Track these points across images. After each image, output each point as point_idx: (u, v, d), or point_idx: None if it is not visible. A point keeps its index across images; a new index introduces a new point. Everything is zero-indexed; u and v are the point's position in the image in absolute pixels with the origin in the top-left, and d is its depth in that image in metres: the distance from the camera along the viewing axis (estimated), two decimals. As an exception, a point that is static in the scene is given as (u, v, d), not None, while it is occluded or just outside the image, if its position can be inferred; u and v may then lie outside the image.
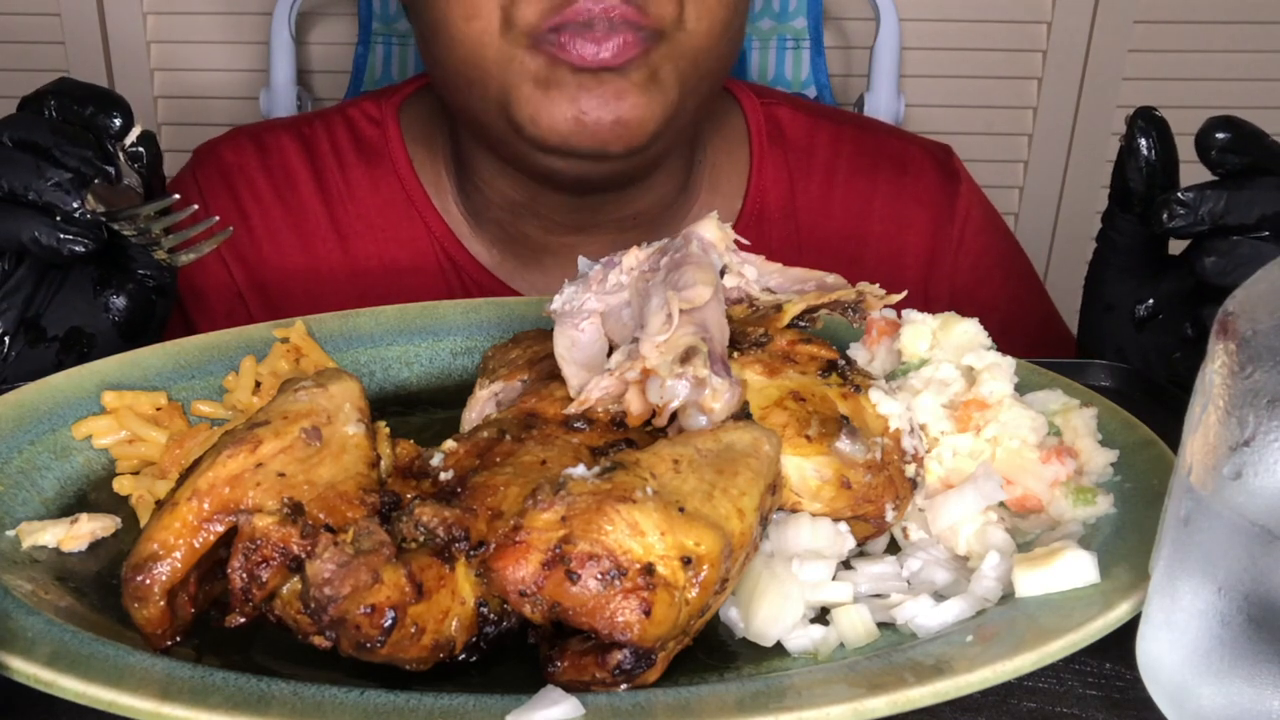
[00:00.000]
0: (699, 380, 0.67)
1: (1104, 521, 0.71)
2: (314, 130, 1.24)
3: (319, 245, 1.20)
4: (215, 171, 1.23)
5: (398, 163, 1.21)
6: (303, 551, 0.59)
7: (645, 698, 0.57)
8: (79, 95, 0.89)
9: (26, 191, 0.84)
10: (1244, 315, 0.54)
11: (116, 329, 0.94)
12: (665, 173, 1.17)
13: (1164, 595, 0.57)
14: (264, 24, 2.04)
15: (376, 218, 1.19)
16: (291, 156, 1.22)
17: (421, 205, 1.19)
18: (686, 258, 0.75)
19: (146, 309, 0.95)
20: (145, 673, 0.57)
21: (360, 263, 1.19)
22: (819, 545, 0.68)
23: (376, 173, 1.20)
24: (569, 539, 0.57)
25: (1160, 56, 2.28)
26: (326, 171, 1.20)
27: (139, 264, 0.93)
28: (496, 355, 0.86)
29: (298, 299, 1.19)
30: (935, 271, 1.28)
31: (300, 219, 1.20)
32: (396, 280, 1.19)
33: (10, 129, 0.86)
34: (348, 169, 1.20)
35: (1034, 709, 0.60)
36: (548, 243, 1.18)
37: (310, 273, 1.19)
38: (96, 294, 0.93)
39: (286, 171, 1.21)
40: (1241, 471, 0.53)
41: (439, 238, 1.19)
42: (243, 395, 0.85)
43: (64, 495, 0.77)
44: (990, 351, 0.76)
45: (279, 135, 1.24)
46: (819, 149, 1.28)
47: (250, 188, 1.21)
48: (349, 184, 1.20)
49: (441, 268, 1.19)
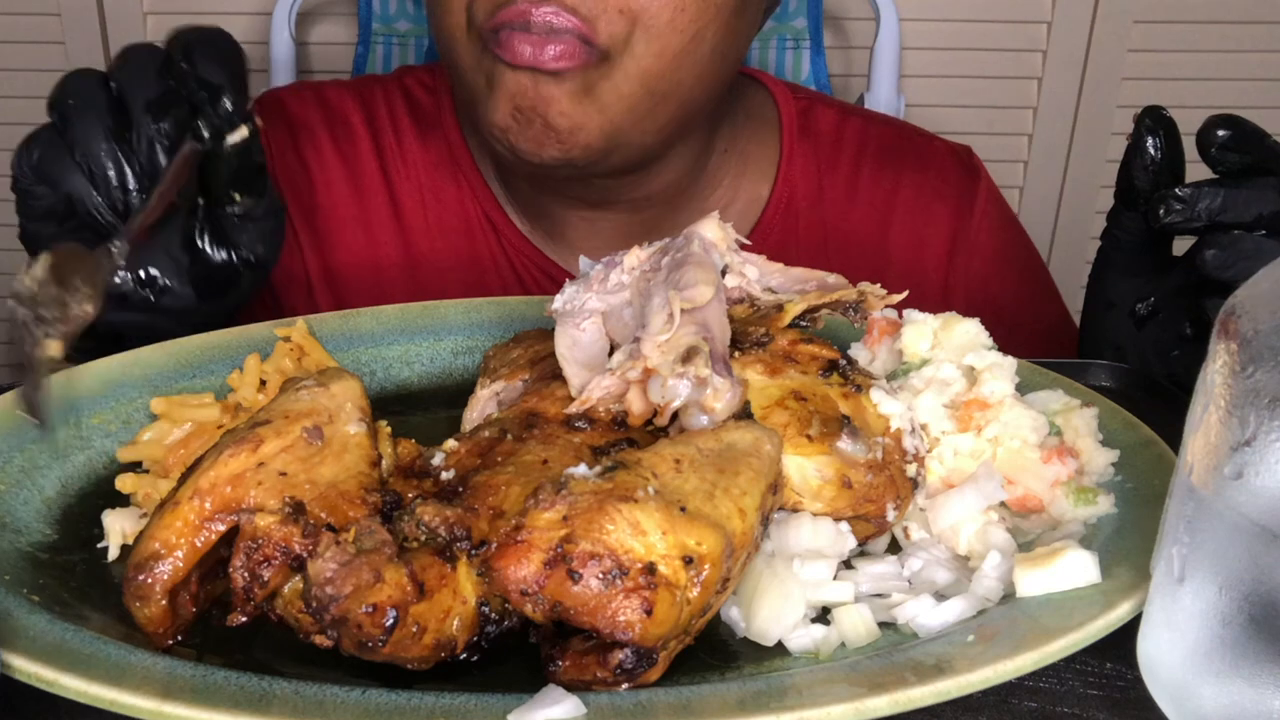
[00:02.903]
0: (700, 380, 0.67)
1: (1105, 521, 0.71)
2: (372, 93, 1.29)
3: (370, 199, 1.25)
4: (281, 121, 1.28)
5: (448, 129, 1.26)
6: (304, 551, 0.59)
7: (647, 697, 0.57)
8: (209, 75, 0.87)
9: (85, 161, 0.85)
10: (1245, 315, 0.54)
11: (194, 288, 0.91)
12: (670, 162, 1.18)
13: (1165, 595, 0.57)
14: (264, 24, 2.04)
15: (425, 178, 1.24)
16: (351, 114, 1.27)
17: (468, 170, 1.24)
18: (688, 257, 0.75)
19: (230, 277, 0.92)
20: (147, 672, 0.58)
21: (408, 218, 1.25)
22: (820, 545, 0.68)
23: (428, 137, 1.26)
24: (570, 538, 0.57)
25: (1160, 56, 2.28)
26: (382, 132, 1.26)
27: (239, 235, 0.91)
28: (498, 354, 0.86)
29: (349, 245, 1.24)
30: (954, 265, 1.31)
31: (356, 174, 1.25)
32: (441, 238, 1.25)
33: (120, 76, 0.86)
34: (402, 132, 1.26)
35: (1035, 709, 0.60)
36: (566, 216, 1.22)
37: (360, 223, 1.25)
38: (185, 247, 0.90)
39: (347, 128, 1.27)
40: (1243, 471, 0.53)
41: (482, 201, 1.24)
42: (248, 393, 0.85)
43: (65, 495, 0.77)
44: (991, 351, 0.76)
45: (341, 93, 1.29)
46: (847, 143, 1.31)
47: (312, 140, 1.26)
48: (402, 145, 1.25)
49: (483, 229, 1.24)
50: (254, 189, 0.89)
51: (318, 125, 1.26)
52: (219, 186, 0.88)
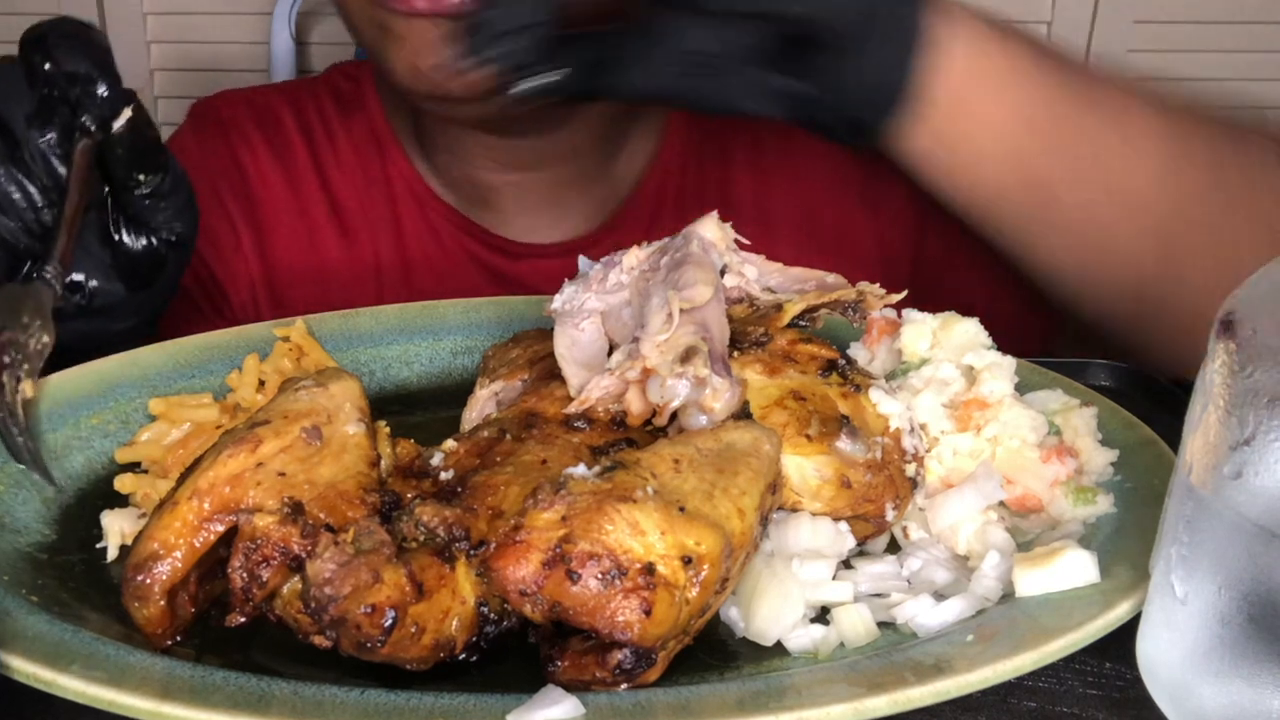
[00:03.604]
0: (699, 380, 0.67)
1: (1104, 521, 0.71)
2: (299, 91, 1.34)
3: (305, 186, 1.29)
4: (214, 126, 1.31)
5: (371, 111, 1.30)
6: (303, 551, 0.59)
7: (646, 697, 0.57)
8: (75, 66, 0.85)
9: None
10: (1244, 315, 0.54)
11: (122, 281, 0.91)
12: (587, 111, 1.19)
13: (1164, 595, 0.57)
14: (264, 24, 2.05)
15: (352, 161, 1.29)
16: (281, 111, 1.31)
17: (390, 148, 1.28)
18: (687, 257, 0.75)
19: (155, 261, 0.92)
20: (146, 672, 0.58)
21: (342, 202, 1.28)
22: (819, 545, 0.68)
23: (351, 121, 1.30)
24: (569, 538, 0.57)
25: (1160, 56, 2.28)
26: (311, 125, 1.30)
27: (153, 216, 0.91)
28: (497, 355, 0.86)
29: (284, 233, 1.28)
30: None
31: (290, 166, 1.29)
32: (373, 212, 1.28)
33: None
34: (328, 121, 1.30)
35: (1034, 708, 0.60)
36: (494, 181, 1.25)
37: (298, 213, 1.28)
38: (103, 243, 0.90)
39: (278, 124, 1.30)
40: (1242, 471, 0.53)
41: (407, 179, 1.28)
42: (247, 393, 0.85)
43: (64, 495, 0.77)
44: (990, 351, 0.76)
45: (269, 94, 1.35)
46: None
47: (245, 140, 1.29)
48: (329, 134, 1.30)
49: (410, 206, 1.28)
50: (155, 165, 0.89)
51: (249, 125, 1.30)
52: (121, 172, 0.88)
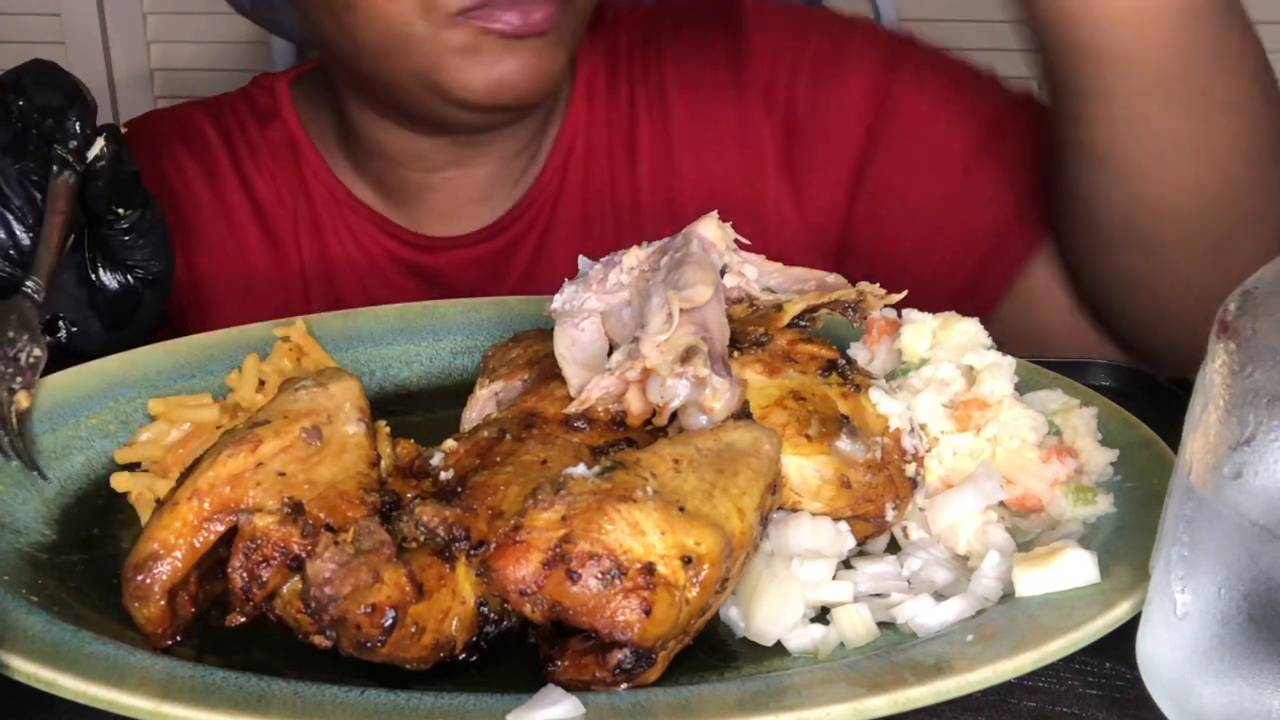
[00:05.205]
0: (699, 380, 0.67)
1: (1104, 521, 0.71)
2: (220, 105, 1.38)
3: (229, 196, 1.33)
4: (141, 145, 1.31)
5: (287, 121, 1.34)
6: (303, 551, 0.59)
7: (645, 697, 0.57)
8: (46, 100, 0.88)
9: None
10: (1244, 314, 0.54)
11: (100, 320, 0.93)
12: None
13: (1164, 595, 0.57)
14: (264, 24, 2.04)
15: (272, 167, 1.33)
16: (202, 124, 1.35)
17: (308, 155, 1.33)
18: (687, 257, 0.75)
19: (133, 301, 0.94)
20: (145, 672, 0.58)
21: (265, 208, 1.32)
22: (819, 545, 0.68)
23: (268, 130, 1.34)
24: (569, 538, 0.57)
25: (1160, 56, 2.27)
26: (232, 135, 1.34)
27: (131, 253, 0.93)
28: (496, 354, 0.86)
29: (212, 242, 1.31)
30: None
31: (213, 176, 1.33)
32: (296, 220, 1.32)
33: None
34: (247, 131, 1.34)
35: (1034, 708, 0.60)
36: (428, 180, 1.29)
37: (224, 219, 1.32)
38: (80, 282, 0.92)
39: (200, 137, 1.35)
40: (1242, 471, 0.53)
41: (325, 183, 1.32)
42: (247, 393, 0.85)
43: (64, 495, 0.77)
44: (990, 351, 0.76)
45: (191, 110, 1.39)
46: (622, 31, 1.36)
47: (171, 156, 1.33)
48: (249, 143, 1.34)
49: (330, 210, 1.32)
50: (134, 200, 0.91)
51: (173, 140, 1.33)
52: (100, 206, 0.89)
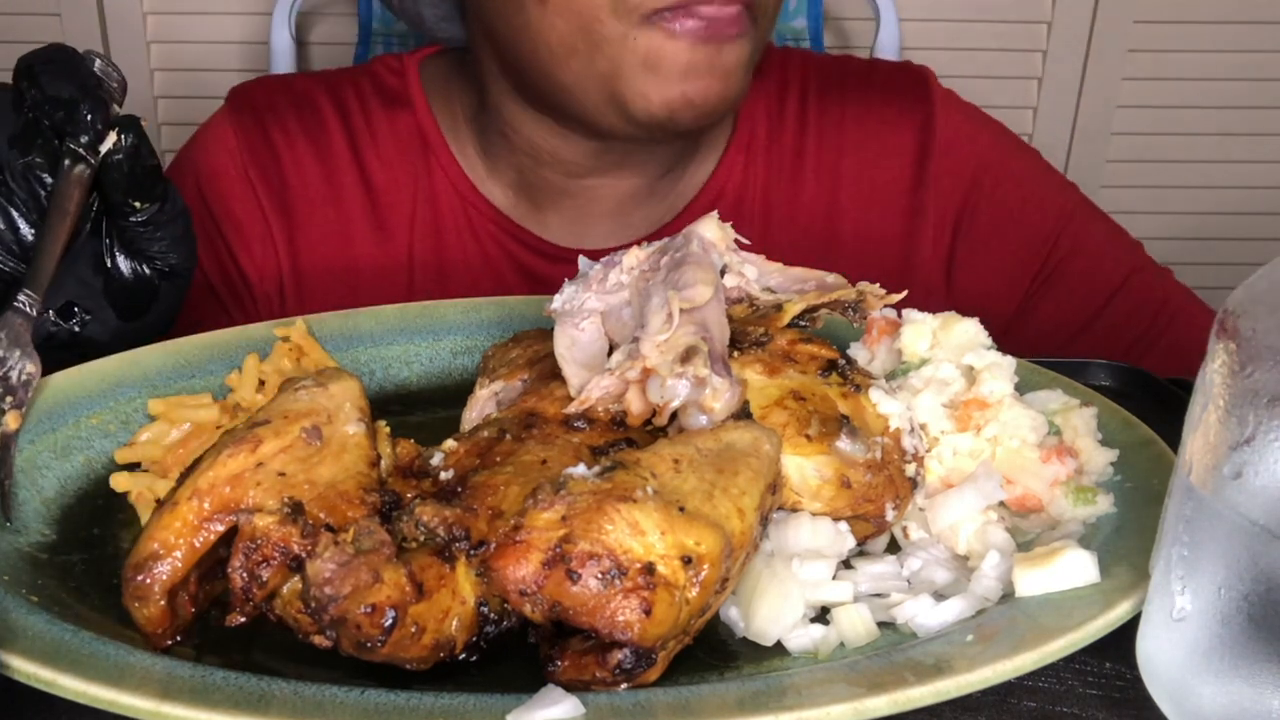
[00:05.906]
0: (699, 380, 0.67)
1: (1104, 521, 0.71)
2: (340, 80, 1.31)
3: (341, 177, 1.26)
4: (248, 110, 1.28)
5: (417, 108, 1.28)
6: (303, 551, 0.59)
7: (645, 697, 0.57)
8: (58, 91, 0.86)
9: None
10: (1244, 314, 0.54)
11: (115, 310, 0.91)
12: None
13: (1164, 595, 0.57)
14: (264, 24, 2.04)
15: (395, 156, 1.26)
16: (319, 98, 1.29)
17: (437, 147, 1.26)
18: (687, 257, 0.75)
19: (149, 291, 0.93)
20: (145, 672, 0.58)
21: (380, 196, 1.26)
22: (819, 545, 0.68)
23: (395, 116, 1.28)
24: (569, 538, 0.57)
25: (1160, 56, 2.28)
26: (351, 114, 1.28)
27: (148, 244, 0.91)
28: (497, 354, 0.86)
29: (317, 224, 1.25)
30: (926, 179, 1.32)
31: (326, 155, 1.27)
32: (413, 211, 1.26)
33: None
34: (370, 113, 1.28)
35: (1034, 708, 0.60)
36: (567, 186, 1.24)
37: (333, 201, 1.26)
38: (96, 270, 0.91)
39: (315, 111, 1.28)
40: (1242, 471, 0.53)
41: (452, 178, 1.26)
42: (247, 393, 0.85)
43: (64, 495, 0.77)
44: (990, 351, 0.76)
45: (308, 80, 1.32)
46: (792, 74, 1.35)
47: (280, 123, 1.27)
48: (371, 126, 1.27)
49: (453, 205, 1.26)
50: (151, 193, 0.89)
51: (285, 108, 1.27)
52: (116, 197, 0.87)
